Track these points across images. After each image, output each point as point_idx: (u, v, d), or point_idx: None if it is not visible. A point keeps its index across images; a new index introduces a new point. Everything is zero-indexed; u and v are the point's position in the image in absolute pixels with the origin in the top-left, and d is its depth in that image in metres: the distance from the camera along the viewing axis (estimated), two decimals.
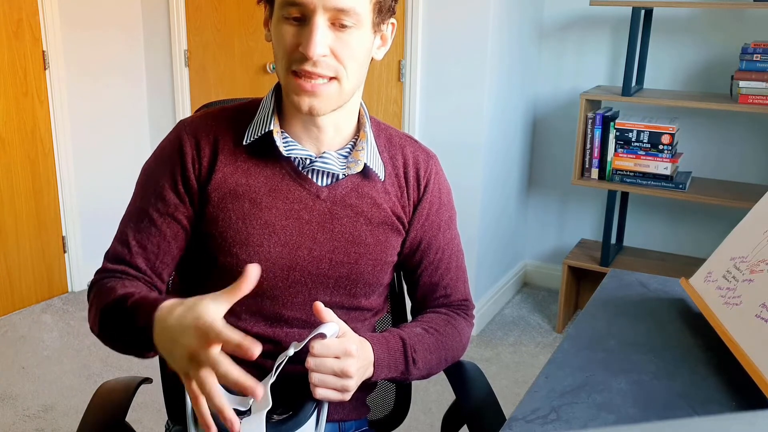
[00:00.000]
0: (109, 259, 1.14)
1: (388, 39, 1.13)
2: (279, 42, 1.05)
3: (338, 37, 1.02)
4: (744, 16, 2.82)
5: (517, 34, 2.99)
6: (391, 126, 1.26)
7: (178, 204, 1.12)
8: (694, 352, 1.09)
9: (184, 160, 1.12)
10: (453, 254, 1.26)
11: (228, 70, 3.29)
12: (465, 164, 2.84)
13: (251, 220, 1.11)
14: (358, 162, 1.13)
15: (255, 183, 1.12)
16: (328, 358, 1.00)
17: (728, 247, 1.16)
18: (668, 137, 2.73)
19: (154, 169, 1.15)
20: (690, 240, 3.10)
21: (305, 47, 1.01)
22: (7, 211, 3.07)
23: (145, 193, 1.14)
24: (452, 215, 1.27)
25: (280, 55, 1.05)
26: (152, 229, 1.11)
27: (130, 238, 1.12)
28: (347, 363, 1.01)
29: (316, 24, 1.00)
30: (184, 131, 1.14)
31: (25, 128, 3.07)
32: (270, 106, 1.14)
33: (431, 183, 1.22)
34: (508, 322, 3.17)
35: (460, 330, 1.25)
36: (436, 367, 1.21)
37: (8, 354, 2.79)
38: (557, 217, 3.41)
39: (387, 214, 1.17)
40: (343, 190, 1.14)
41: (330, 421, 1.20)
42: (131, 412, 1.18)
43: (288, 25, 1.03)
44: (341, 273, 1.15)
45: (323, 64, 1.02)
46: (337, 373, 1.01)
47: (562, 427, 0.90)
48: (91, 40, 3.25)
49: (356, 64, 1.06)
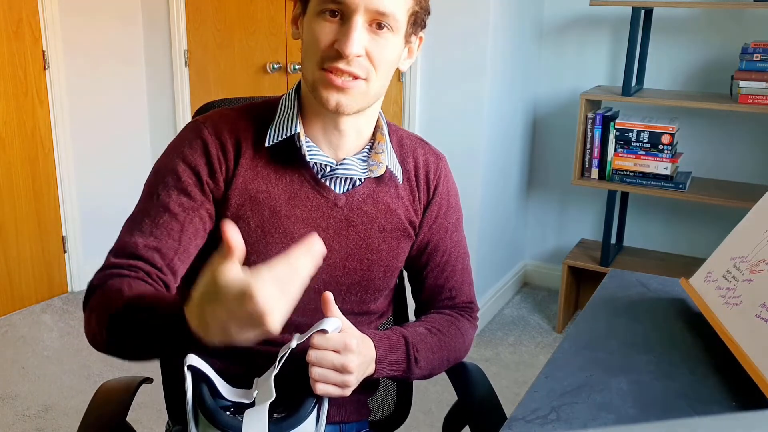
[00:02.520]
0: (115, 254, 1.05)
1: (415, 52, 1.13)
2: (313, 37, 1.03)
3: (374, 39, 1.02)
4: (744, 16, 2.82)
5: (517, 34, 2.99)
6: (401, 127, 1.26)
7: (204, 201, 1.08)
8: (694, 352, 1.09)
9: (210, 159, 1.08)
10: (459, 257, 1.26)
11: (228, 70, 3.29)
12: (465, 164, 2.84)
13: (270, 229, 1.09)
14: (380, 165, 1.13)
15: (275, 190, 1.10)
16: (329, 352, 1.00)
17: (728, 247, 1.16)
18: (668, 137, 2.73)
19: (173, 166, 1.09)
20: (690, 240, 3.10)
21: (342, 45, 1.00)
22: (7, 211, 3.07)
23: (165, 189, 1.07)
24: (459, 217, 1.27)
25: (312, 51, 1.03)
26: (173, 224, 1.06)
27: (146, 232, 1.05)
28: (348, 358, 1.00)
29: (356, 23, 1.00)
30: (206, 130, 1.10)
31: (25, 128, 3.07)
32: (293, 107, 1.12)
33: (441, 185, 1.22)
34: (508, 322, 3.17)
35: (463, 331, 1.25)
36: (438, 367, 1.20)
37: (8, 354, 2.79)
38: (557, 217, 3.41)
39: (400, 221, 1.17)
40: (360, 197, 1.14)
41: (331, 422, 1.20)
42: (131, 412, 1.18)
43: (325, 21, 1.02)
44: (353, 280, 1.15)
45: (356, 63, 1.02)
46: (337, 367, 1.00)
47: (562, 427, 0.89)
48: (92, 40, 3.25)
49: (386, 68, 1.06)
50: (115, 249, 1.06)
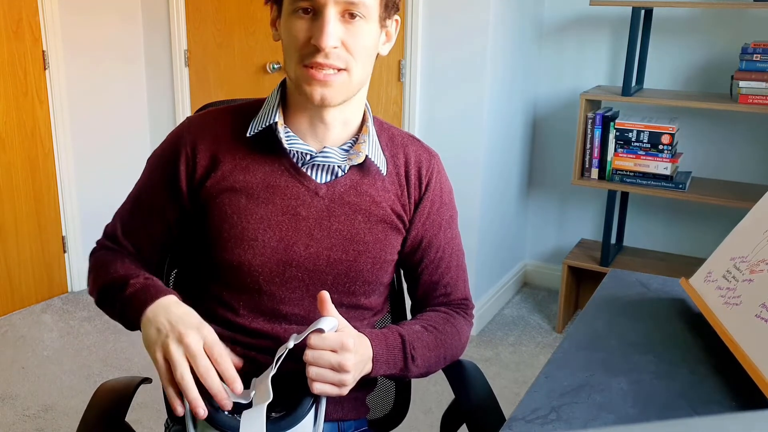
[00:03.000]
0: (106, 235, 1.25)
1: (393, 35, 1.16)
2: (290, 37, 1.07)
3: (348, 30, 1.05)
4: (744, 16, 2.82)
5: (517, 34, 2.99)
6: (394, 126, 1.27)
7: (167, 201, 1.16)
8: (694, 352, 1.09)
9: (177, 161, 1.15)
10: (454, 253, 1.26)
11: (228, 70, 3.29)
12: (465, 164, 2.84)
13: (246, 215, 1.12)
14: (360, 154, 1.14)
15: (252, 179, 1.13)
16: (326, 351, 1.01)
17: (728, 247, 1.16)
18: (668, 137, 2.73)
19: (153, 162, 1.22)
20: (690, 240, 3.10)
21: (317, 39, 1.03)
22: (7, 211, 3.07)
23: (143, 182, 1.22)
24: (453, 215, 1.27)
25: (292, 50, 1.07)
26: (141, 220, 1.20)
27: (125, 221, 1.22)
28: (344, 357, 1.01)
29: (328, 16, 1.03)
30: (187, 130, 1.17)
31: (25, 128, 3.07)
32: (275, 100, 1.16)
33: (433, 181, 1.22)
34: (508, 322, 3.17)
35: (459, 329, 1.25)
36: (435, 365, 1.21)
37: (8, 354, 2.79)
38: (557, 217, 3.41)
39: (386, 212, 1.17)
40: (342, 187, 1.15)
41: (329, 420, 1.20)
42: (131, 412, 1.18)
43: (299, 19, 1.05)
44: (339, 270, 1.15)
45: (334, 55, 1.05)
46: (334, 366, 1.01)
47: (562, 427, 0.89)
48: (92, 40, 3.25)
49: (365, 56, 1.08)
50: (106, 229, 1.26)
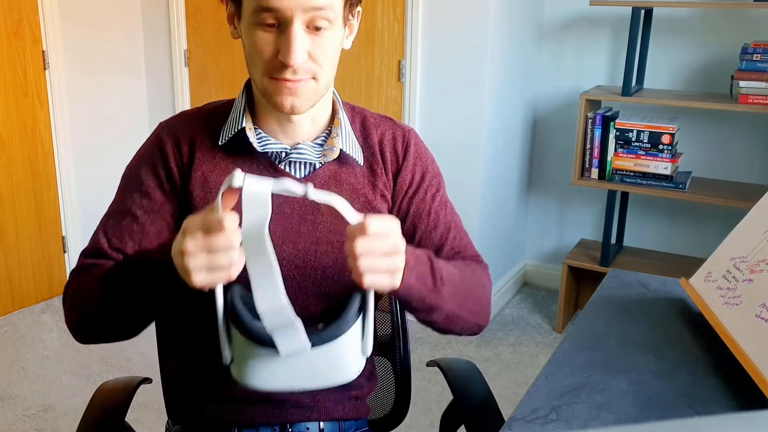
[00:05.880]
0: (86, 255, 1.14)
1: (355, 27, 1.13)
2: (255, 49, 1.04)
3: (314, 41, 1.03)
4: (744, 16, 2.82)
5: (517, 34, 2.99)
6: (367, 108, 1.26)
7: (164, 202, 1.14)
8: (694, 352, 1.09)
9: (166, 159, 1.14)
10: (449, 216, 1.23)
11: (228, 70, 3.29)
12: (465, 164, 2.84)
13: None
14: (334, 149, 1.13)
15: None
16: (376, 238, 0.91)
17: (728, 247, 1.16)
18: (668, 137, 2.73)
19: (136, 170, 1.16)
20: (690, 240, 3.10)
21: (285, 56, 1.00)
22: (7, 211, 3.07)
23: (129, 192, 1.15)
24: (440, 181, 1.24)
25: (258, 61, 1.04)
26: (134, 226, 1.13)
27: (109, 234, 1.13)
28: (396, 237, 0.93)
29: (294, 32, 1.00)
30: (163, 132, 1.17)
31: (25, 128, 3.07)
32: (241, 104, 1.15)
33: (410, 151, 1.20)
34: (508, 322, 3.17)
35: (478, 274, 1.19)
36: (463, 302, 1.13)
37: (8, 354, 2.79)
38: (557, 217, 3.41)
39: (368, 197, 1.16)
40: (321, 179, 1.14)
41: (329, 419, 1.20)
42: (131, 412, 1.18)
43: (263, 32, 1.02)
44: (327, 263, 1.14)
45: (302, 69, 1.03)
46: (387, 251, 0.92)
47: (562, 427, 0.90)
48: (91, 40, 3.25)
49: (331, 62, 1.07)
50: (85, 250, 1.15)
